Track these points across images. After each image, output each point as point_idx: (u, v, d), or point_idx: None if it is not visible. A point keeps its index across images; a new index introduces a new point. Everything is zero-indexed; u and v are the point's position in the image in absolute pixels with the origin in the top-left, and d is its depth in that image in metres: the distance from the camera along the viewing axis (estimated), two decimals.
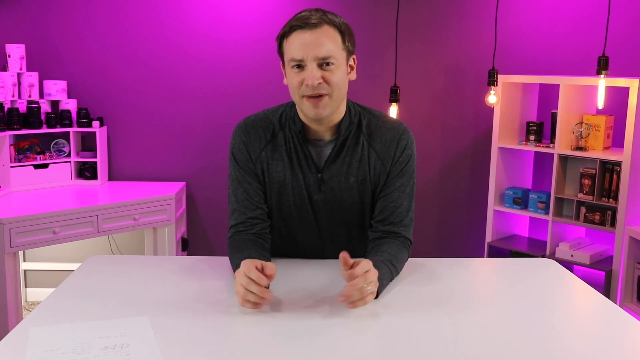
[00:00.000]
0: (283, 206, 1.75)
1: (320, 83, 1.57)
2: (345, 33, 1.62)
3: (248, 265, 1.43)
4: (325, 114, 1.62)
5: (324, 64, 1.57)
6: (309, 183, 1.71)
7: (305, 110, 1.62)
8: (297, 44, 1.57)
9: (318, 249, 1.81)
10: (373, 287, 1.43)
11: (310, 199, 1.73)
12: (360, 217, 1.76)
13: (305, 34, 1.56)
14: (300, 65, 1.58)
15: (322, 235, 1.78)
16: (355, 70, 1.69)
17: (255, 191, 1.73)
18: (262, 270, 1.45)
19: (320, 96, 1.59)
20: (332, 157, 1.70)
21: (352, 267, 1.44)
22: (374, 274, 1.44)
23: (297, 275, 1.68)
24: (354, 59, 1.69)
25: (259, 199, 1.73)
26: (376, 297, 1.51)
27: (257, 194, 1.73)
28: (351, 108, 1.72)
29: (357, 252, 1.78)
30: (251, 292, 1.40)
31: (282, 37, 1.62)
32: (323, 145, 1.71)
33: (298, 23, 1.57)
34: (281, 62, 1.67)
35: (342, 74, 1.61)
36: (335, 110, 1.65)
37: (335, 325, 1.38)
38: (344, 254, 1.43)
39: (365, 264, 1.44)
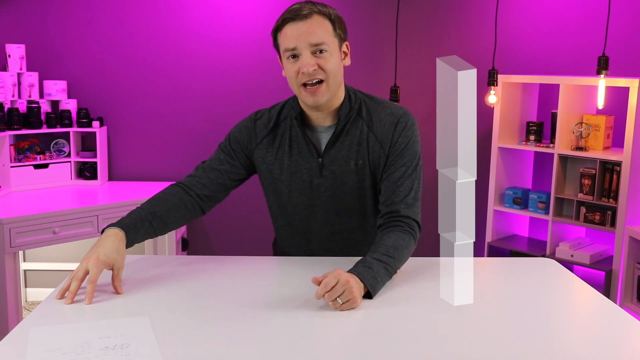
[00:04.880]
0: (283, 193, 1.79)
1: (315, 69, 1.63)
2: (336, 21, 1.69)
3: (95, 271, 1.51)
4: (324, 100, 1.68)
5: (317, 51, 1.64)
6: (311, 167, 1.75)
7: (304, 99, 1.68)
8: (290, 35, 1.64)
9: (319, 238, 1.82)
10: (345, 297, 1.44)
11: (311, 184, 1.76)
12: (360, 204, 1.78)
13: (297, 24, 1.64)
14: (295, 55, 1.65)
15: (322, 223, 1.80)
16: (349, 56, 1.75)
17: (229, 167, 1.81)
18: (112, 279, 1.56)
19: (317, 83, 1.65)
20: (332, 142, 1.74)
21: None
22: (342, 285, 1.43)
23: (295, 274, 1.69)
24: (347, 45, 1.74)
25: (227, 174, 1.81)
26: (371, 297, 1.52)
27: (229, 170, 1.81)
28: (351, 95, 1.76)
29: (358, 243, 1.80)
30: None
31: (276, 30, 1.70)
32: (323, 131, 1.76)
33: (289, 15, 1.65)
34: (278, 56, 1.74)
35: (336, 60, 1.67)
36: (333, 96, 1.70)
37: (335, 324, 1.38)
38: (313, 279, 1.46)
39: (331, 280, 1.43)
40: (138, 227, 1.67)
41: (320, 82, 1.65)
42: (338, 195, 1.76)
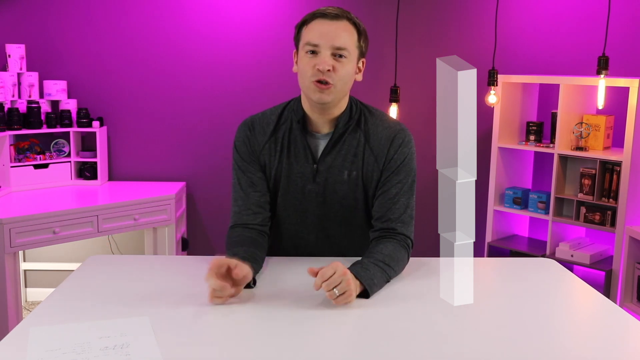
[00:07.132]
0: (276, 196, 1.79)
1: (329, 70, 1.62)
2: (362, 34, 1.70)
3: (213, 265, 1.46)
4: (328, 100, 1.66)
5: (337, 54, 1.63)
6: (305, 172, 1.75)
7: (311, 94, 1.66)
8: (316, 31, 1.64)
9: (306, 243, 1.82)
10: (342, 288, 1.44)
11: (304, 189, 1.76)
12: (352, 214, 1.77)
13: (326, 22, 1.64)
14: (314, 52, 1.64)
15: (315, 228, 1.79)
16: (362, 73, 1.75)
17: (259, 180, 1.77)
18: (232, 270, 1.47)
19: (327, 83, 1.63)
20: (328, 149, 1.73)
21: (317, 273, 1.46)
22: (339, 275, 1.44)
23: (293, 273, 1.68)
24: (363, 62, 1.74)
25: (262, 187, 1.77)
26: (368, 296, 1.52)
27: (260, 183, 1.77)
28: (353, 105, 1.76)
29: (344, 249, 1.80)
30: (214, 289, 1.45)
31: (302, 24, 1.69)
32: (321, 137, 1.75)
33: (321, 12, 1.66)
34: (295, 50, 1.73)
35: (350, 69, 1.67)
36: (338, 101, 1.70)
37: (334, 324, 1.38)
38: (309, 270, 1.47)
39: (328, 270, 1.44)
40: (254, 258, 1.62)
41: (328, 84, 1.63)
42: (329, 202, 1.76)
